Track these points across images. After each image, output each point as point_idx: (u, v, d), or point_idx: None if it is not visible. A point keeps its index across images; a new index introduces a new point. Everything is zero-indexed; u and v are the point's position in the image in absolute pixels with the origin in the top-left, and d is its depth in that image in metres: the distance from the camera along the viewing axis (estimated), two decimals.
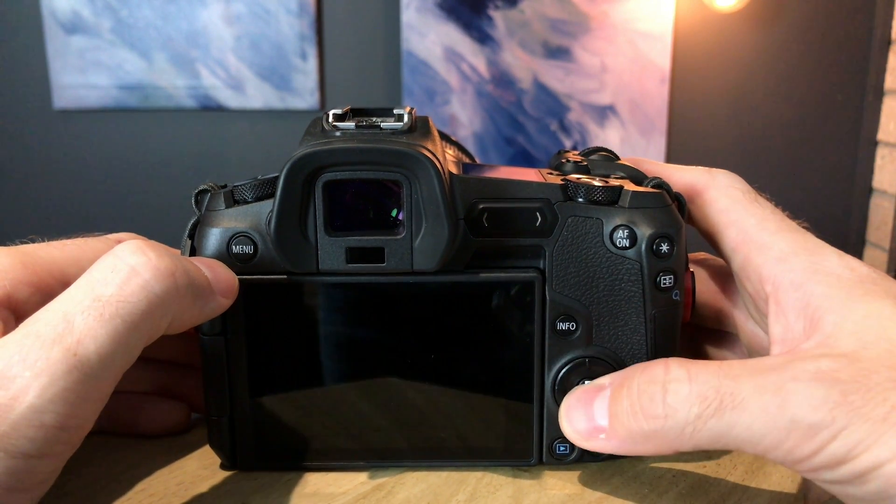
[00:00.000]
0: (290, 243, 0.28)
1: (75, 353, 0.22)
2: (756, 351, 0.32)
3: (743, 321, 0.32)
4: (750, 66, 1.58)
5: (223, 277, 0.27)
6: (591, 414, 0.26)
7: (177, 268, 0.25)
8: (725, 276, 0.34)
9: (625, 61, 1.57)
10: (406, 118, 0.28)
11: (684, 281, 0.29)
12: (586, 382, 0.29)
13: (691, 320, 0.32)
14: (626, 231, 0.28)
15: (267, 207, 0.28)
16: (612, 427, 0.26)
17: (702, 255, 0.36)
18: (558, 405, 0.30)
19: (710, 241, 0.31)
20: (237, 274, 0.28)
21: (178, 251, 0.28)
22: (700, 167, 0.32)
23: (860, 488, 0.22)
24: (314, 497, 0.29)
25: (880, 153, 1.54)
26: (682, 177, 0.32)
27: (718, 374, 0.24)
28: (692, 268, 0.34)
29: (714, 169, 0.32)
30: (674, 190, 0.31)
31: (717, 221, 0.30)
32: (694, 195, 0.31)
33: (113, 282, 0.24)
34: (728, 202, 0.30)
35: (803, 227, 0.29)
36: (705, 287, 0.34)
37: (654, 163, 0.34)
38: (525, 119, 1.62)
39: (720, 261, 0.34)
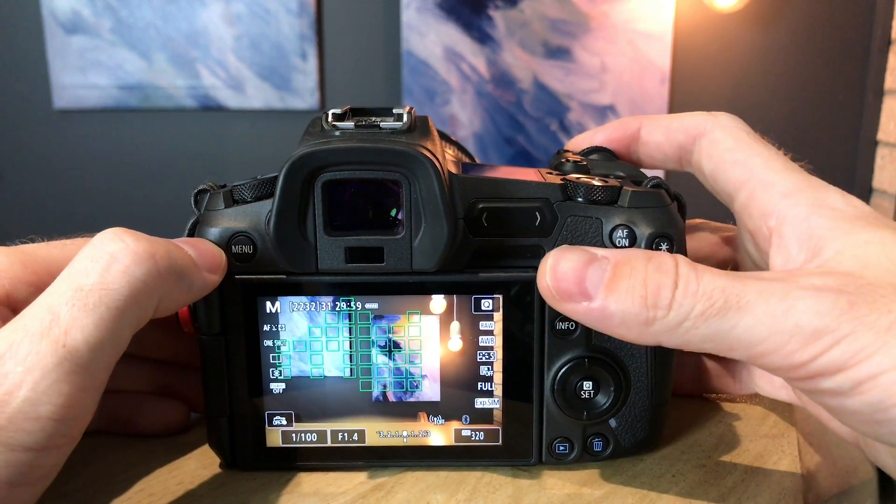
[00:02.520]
0: (289, 243, 0.28)
1: (64, 344, 0.22)
2: None
3: (742, 264, 0.33)
4: (750, 66, 1.58)
5: (208, 253, 0.27)
6: (583, 278, 0.25)
7: (156, 250, 0.25)
8: (723, 231, 0.35)
9: (625, 61, 1.57)
10: (405, 118, 0.28)
11: None
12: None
13: None
14: (625, 230, 0.28)
15: (266, 207, 0.28)
16: (604, 301, 0.24)
17: (698, 220, 0.37)
18: (558, 405, 0.30)
19: (711, 182, 0.31)
20: (236, 274, 0.28)
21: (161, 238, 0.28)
22: (701, 111, 0.32)
23: (856, 399, 0.22)
24: (314, 497, 0.29)
25: (880, 153, 1.54)
26: (682, 121, 0.32)
27: (725, 276, 0.24)
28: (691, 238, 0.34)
29: (715, 112, 0.32)
30: (678, 138, 0.31)
31: (722, 160, 0.30)
32: (697, 136, 0.32)
33: (94, 270, 0.24)
34: (733, 142, 0.30)
35: (807, 170, 0.29)
36: (705, 242, 0.35)
37: (653, 117, 0.34)
38: (525, 119, 1.62)
39: (716, 223, 0.35)
